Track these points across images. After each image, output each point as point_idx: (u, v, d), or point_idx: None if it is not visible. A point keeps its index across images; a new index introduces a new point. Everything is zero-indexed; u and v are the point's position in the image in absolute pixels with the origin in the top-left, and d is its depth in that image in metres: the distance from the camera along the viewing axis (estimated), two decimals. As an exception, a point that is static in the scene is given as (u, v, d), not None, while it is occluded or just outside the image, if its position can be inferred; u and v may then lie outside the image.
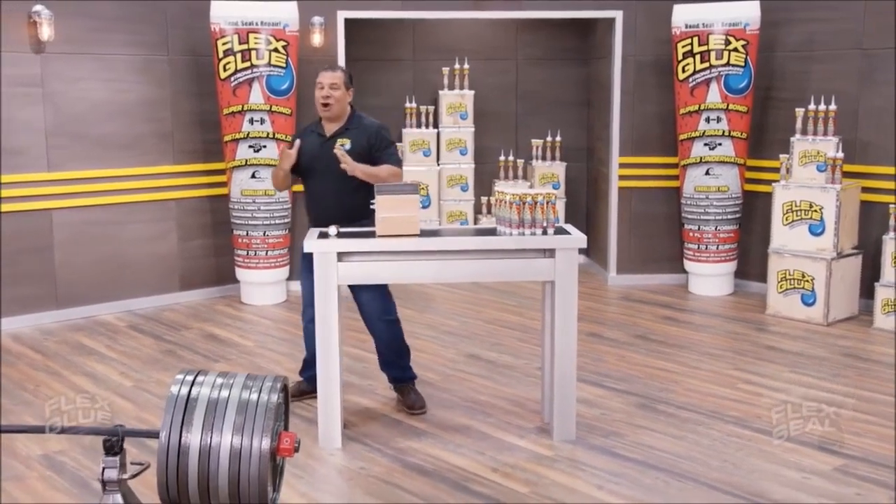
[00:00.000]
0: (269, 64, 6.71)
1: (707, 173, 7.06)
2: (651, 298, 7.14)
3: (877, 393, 4.96)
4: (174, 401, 2.79)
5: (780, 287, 6.54)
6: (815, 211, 6.37)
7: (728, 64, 6.84)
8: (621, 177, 7.53)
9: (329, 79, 4.56)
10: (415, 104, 8.10)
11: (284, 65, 6.75)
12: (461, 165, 8.14)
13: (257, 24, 6.66)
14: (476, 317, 6.66)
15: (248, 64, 6.68)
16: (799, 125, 6.55)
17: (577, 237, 4.21)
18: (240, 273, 7.10)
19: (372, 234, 4.23)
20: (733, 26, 6.80)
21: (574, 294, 4.18)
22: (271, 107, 6.76)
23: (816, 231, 6.38)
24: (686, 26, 6.93)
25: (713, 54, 6.85)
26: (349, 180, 4.46)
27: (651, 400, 4.87)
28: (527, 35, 8.46)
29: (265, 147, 6.74)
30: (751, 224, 7.22)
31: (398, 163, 4.61)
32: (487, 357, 5.66)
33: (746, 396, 4.91)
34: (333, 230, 4.21)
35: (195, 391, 2.82)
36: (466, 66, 8.06)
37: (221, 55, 6.69)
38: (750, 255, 7.27)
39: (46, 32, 6.21)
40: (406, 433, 4.44)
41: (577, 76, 8.47)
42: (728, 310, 6.82)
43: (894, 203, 6.23)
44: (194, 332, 6.28)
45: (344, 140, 4.55)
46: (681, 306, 6.94)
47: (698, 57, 6.90)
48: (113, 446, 2.78)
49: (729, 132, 6.96)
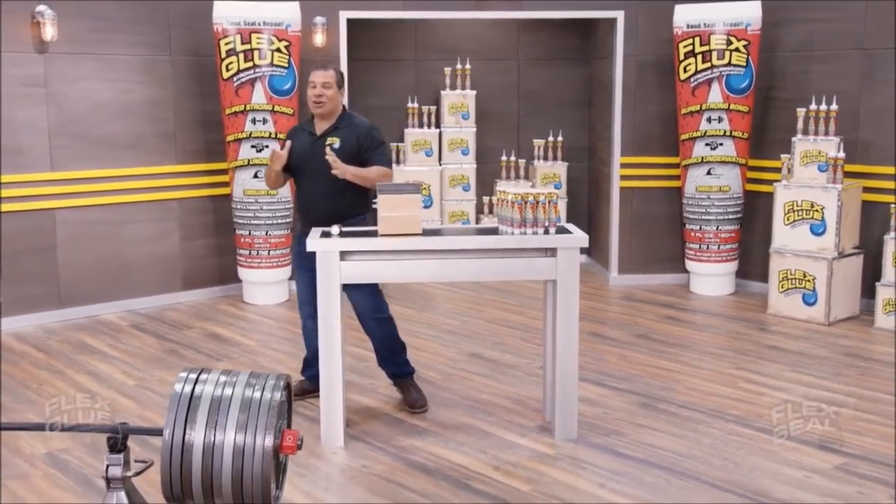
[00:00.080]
0: (272, 64, 6.73)
1: (708, 173, 7.07)
2: (652, 298, 7.15)
3: (878, 392, 4.97)
4: (178, 398, 2.79)
5: (782, 287, 6.55)
6: (817, 211, 6.38)
7: (729, 64, 6.85)
8: (623, 177, 7.54)
9: (321, 77, 4.59)
10: (417, 104, 8.11)
11: (287, 65, 6.76)
12: (463, 165, 8.15)
13: (260, 25, 6.68)
14: (477, 316, 6.67)
15: (251, 64, 6.69)
16: (800, 125, 6.56)
17: (579, 236, 4.22)
18: (242, 272, 7.12)
19: (373, 234, 4.25)
20: (735, 26, 6.81)
21: (576, 293, 4.19)
22: (274, 107, 6.77)
23: (818, 231, 6.39)
24: (687, 26, 6.94)
25: (714, 54, 6.86)
26: (338, 179, 4.49)
27: (652, 399, 4.88)
28: (528, 35, 8.47)
29: (267, 147, 6.75)
30: (752, 224, 7.23)
31: (388, 163, 4.61)
32: (489, 356, 5.68)
33: (747, 395, 4.92)
34: (336, 229, 4.22)
35: (199, 389, 2.82)
36: (468, 67, 8.07)
37: (224, 55, 6.70)
38: (751, 255, 7.28)
39: (49, 32, 6.23)
40: (408, 432, 4.45)
41: (579, 76, 8.48)
42: (729, 309, 6.83)
43: (895, 203, 6.24)
44: (197, 332, 6.29)
45: (333, 139, 4.58)
46: (682, 306, 6.95)
47: (700, 57, 6.91)
48: (117, 444, 2.79)
49: (730, 132, 6.97)
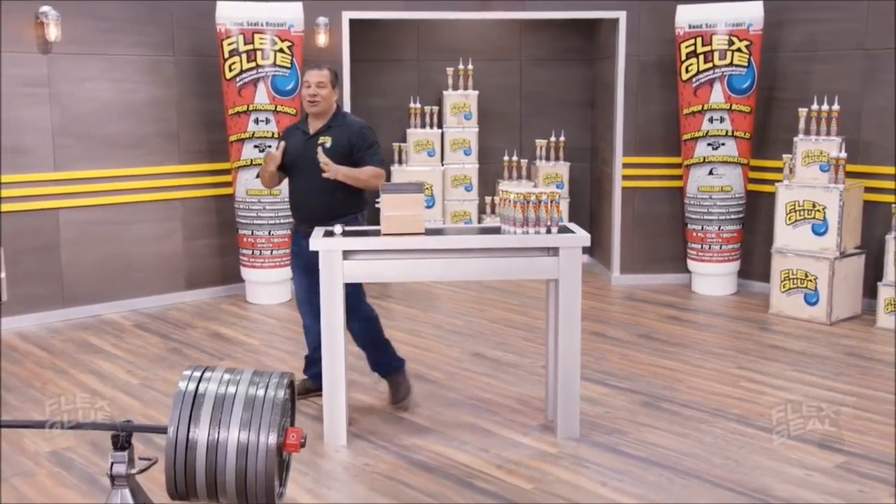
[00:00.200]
0: (275, 64, 6.75)
1: (710, 173, 7.08)
2: (654, 298, 7.16)
3: (879, 391, 4.98)
4: (182, 396, 2.81)
5: (784, 286, 6.55)
6: (819, 211, 6.38)
7: (731, 64, 6.86)
8: (625, 177, 7.55)
9: (316, 77, 4.61)
10: (419, 104, 8.12)
11: (289, 65, 6.78)
12: (465, 165, 8.17)
13: (262, 25, 6.70)
14: (480, 316, 6.69)
15: (254, 64, 6.71)
16: (802, 125, 6.57)
17: (581, 235, 4.23)
18: (245, 272, 7.13)
19: (376, 233, 4.26)
20: (736, 26, 6.82)
21: (578, 292, 4.20)
22: (276, 107, 6.79)
23: (819, 231, 6.40)
24: (689, 26, 6.95)
25: (716, 54, 6.87)
26: (330, 178, 4.52)
27: (654, 398, 4.89)
28: (531, 35, 8.49)
29: (270, 147, 6.74)
30: (754, 224, 7.23)
31: (380, 163, 4.61)
32: (492, 356, 5.69)
33: (749, 395, 4.93)
34: (339, 229, 4.24)
35: (203, 387, 2.84)
36: (470, 67, 8.08)
37: (227, 55, 6.72)
38: (753, 255, 7.28)
39: (53, 33, 6.25)
40: (411, 430, 4.46)
41: (581, 76, 8.50)
42: (731, 309, 6.84)
43: (897, 203, 6.26)
44: (200, 331, 6.31)
45: (325, 138, 4.60)
46: (684, 306, 6.96)
47: (702, 57, 6.92)
48: (121, 442, 2.81)
49: (732, 132, 6.98)
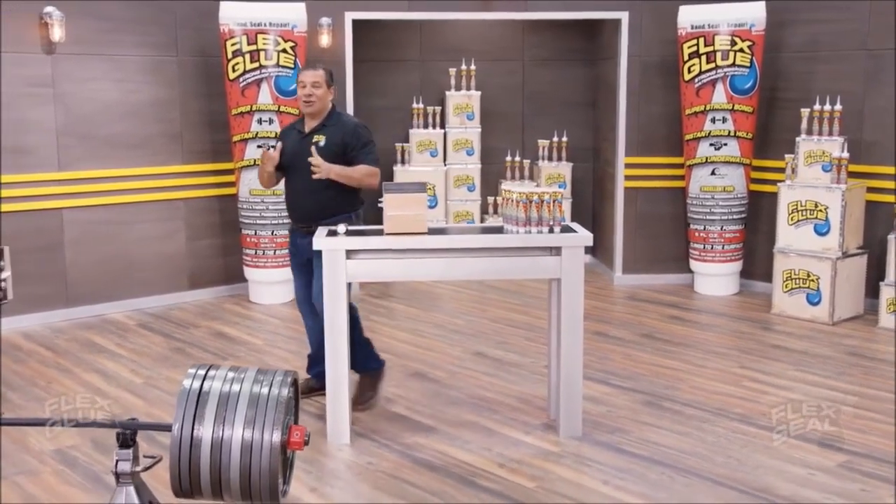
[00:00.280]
0: (278, 64, 6.76)
1: (713, 173, 7.09)
2: (657, 298, 7.17)
3: (881, 391, 4.99)
4: (186, 394, 2.82)
5: (786, 286, 6.56)
6: (821, 211, 6.39)
7: (734, 64, 6.87)
8: (627, 177, 7.56)
9: (311, 77, 4.63)
10: (422, 105, 8.13)
11: (293, 65, 6.79)
12: (468, 166, 8.18)
13: (266, 25, 6.71)
14: (482, 315, 6.70)
15: (257, 65, 6.73)
16: (804, 125, 6.58)
17: (584, 235, 4.24)
18: (248, 272, 7.15)
19: (379, 232, 4.28)
20: (739, 27, 6.83)
21: (580, 291, 4.22)
22: (279, 107, 6.81)
23: (822, 231, 6.40)
24: (692, 27, 6.96)
25: (719, 55, 6.88)
26: (322, 178, 4.53)
27: (657, 397, 4.90)
28: (533, 36, 8.50)
29: (273, 147, 6.76)
30: (756, 224, 7.24)
31: (375, 162, 4.62)
32: (494, 355, 5.70)
33: (751, 394, 4.94)
34: (342, 228, 4.25)
35: (207, 385, 2.85)
36: (473, 67, 8.09)
37: (230, 56, 6.74)
38: (755, 255, 7.29)
39: (57, 33, 6.27)
40: (413, 429, 4.48)
41: (584, 77, 8.51)
42: (733, 309, 6.85)
43: (899, 203, 6.27)
44: (203, 331, 6.33)
45: (319, 137, 4.62)
46: (686, 305, 6.96)
47: (704, 57, 6.93)
48: (126, 439, 2.82)
49: (734, 132, 6.99)
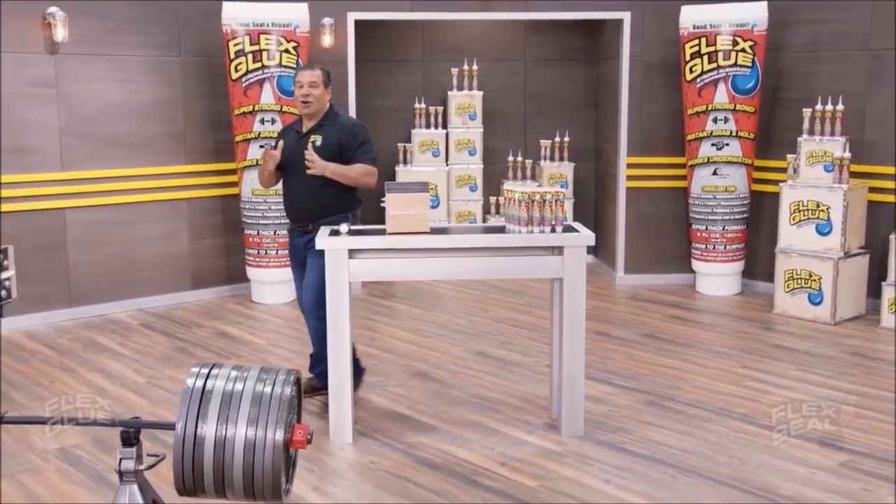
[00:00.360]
0: (280, 65, 6.78)
1: (714, 173, 7.10)
2: (659, 298, 7.17)
3: (883, 391, 4.99)
4: (190, 393, 2.82)
5: (788, 286, 6.57)
6: (823, 211, 6.39)
7: (735, 64, 6.88)
8: (629, 177, 7.57)
9: (308, 77, 4.64)
10: (424, 105, 8.14)
11: (295, 66, 6.79)
12: (470, 166, 8.19)
13: (268, 26, 6.73)
14: (485, 315, 6.71)
15: (259, 65, 6.74)
16: (806, 125, 6.58)
17: (586, 235, 4.25)
18: (250, 272, 7.16)
19: (382, 232, 4.29)
20: (741, 27, 6.84)
21: (582, 291, 4.23)
22: (282, 107, 6.82)
23: (823, 231, 6.41)
24: (694, 27, 6.96)
25: (721, 55, 6.89)
26: (320, 176, 4.54)
27: (658, 397, 4.91)
28: (535, 36, 8.51)
29: (275, 147, 6.78)
30: (758, 224, 7.25)
31: (371, 161, 4.63)
32: (496, 355, 5.71)
33: (753, 394, 4.94)
34: (345, 227, 4.26)
35: (210, 384, 2.86)
36: (475, 67, 8.10)
37: (233, 56, 6.75)
38: (757, 255, 7.29)
39: (60, 34, 6.29)
40: (416, 428, 4.49)
41: (586, 77, 8.52)
42: (735, 309, 6.85)
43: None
44: (206, 330, 6.34)
45: (316, 137, 4.64)
46: (688, 305, 6.97)
47: (706, 58, 6.93)
48: (130, 438, 2.83)
49: (736, 132, 6.99)
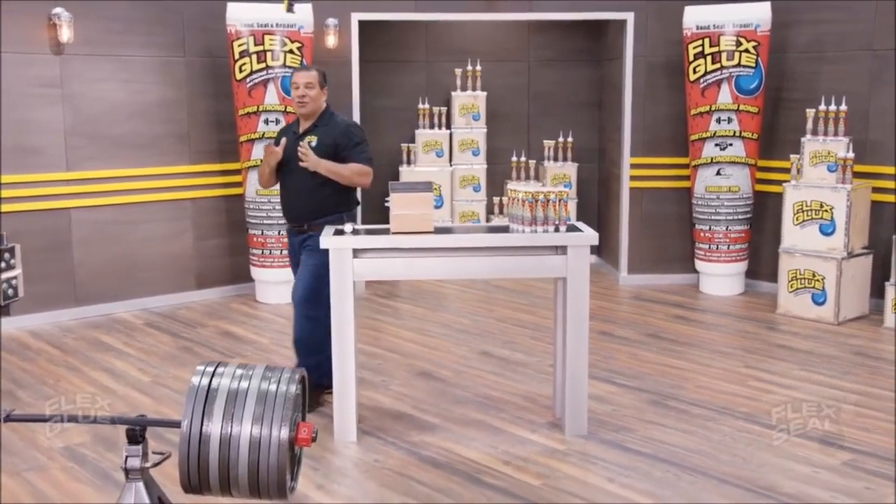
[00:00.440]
0: (284, 65, 6.79)
1: (718, 174, 7.10)
2: (662, 298, 7.18)
3: (886, 390, 5.00)
4: (195, 391, 2.83)
5: (791, 286, 6.57)
6: (826, 211, 6.40)
7: (739, 65, 6.88)
8: (633, 177, 7.58)
9: (304, 78, 4.67)
10: (427, 105, 8.16)
11: (299, 66, 6.82)
12: (473, 166, 8.20)
13: (272, 26, 6.75)
14: (488, 315, 6.72)
15: (264, 65, 6.76)
16: (809, 125, 6.58)
17: (589, 234, 4.26)
18: (255, 272, 7.18)
19: (386, 231, 4.30)
20: (744, 27, 6.85)
21: (586, 290, 4.24)
22: (286, 107, 6.83)
23: (827, 231, 6.41)
24: (697, 27, 6.97)
25: (724, 55, 6.89)
26: (316, 176, 4.57)
27: (662, 396, 4.92)
28: (539, 36, 8.52)
29: (277, 144, 6.80)
30: (762, 224, 7.25)
31: (367, 161, 4.65)
32: (500, 354, 5.72)
33: (756, 393, 4.95)
34: (349, 227, 4.28)
35: (215, 382, 2.87)
36: (479, 68, 8.12)
37: (237, 56, 6.77)
38: (761, 255, 7.30)
39: (66, 34, 6.31)
40: (420, 427, 4.50)
41: (589, 77, 8.53)
42: (739, 309, 6.86)
43: (904, 203, 6.28)
44: (210, 330, 6.36)
45: (311, 137, 4.67)
46: (692, 305, 6.98)
47: (709, 58, 6.94)
48: (136, 436, 2.85)
49: (740, 133, 7.00)
